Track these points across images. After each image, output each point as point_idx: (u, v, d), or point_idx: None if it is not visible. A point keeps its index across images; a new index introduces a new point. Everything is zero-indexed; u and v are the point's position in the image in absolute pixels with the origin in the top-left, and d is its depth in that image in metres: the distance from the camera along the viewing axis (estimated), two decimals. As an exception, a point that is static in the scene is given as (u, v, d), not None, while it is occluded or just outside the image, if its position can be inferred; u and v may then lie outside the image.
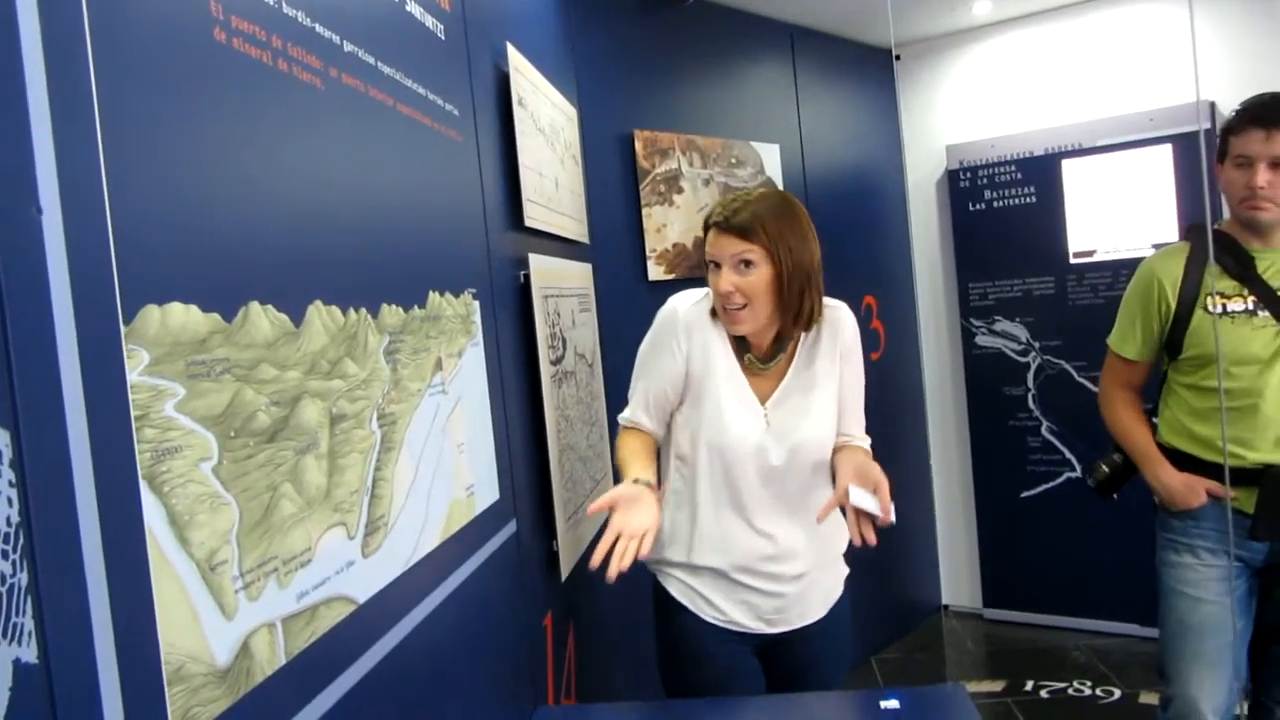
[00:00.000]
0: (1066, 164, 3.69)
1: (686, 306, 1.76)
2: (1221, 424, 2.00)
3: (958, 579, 4.17)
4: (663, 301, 1.82)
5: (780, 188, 3.38)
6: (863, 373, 1.86)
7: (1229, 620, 2.02)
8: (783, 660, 1.81)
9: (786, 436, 1.73)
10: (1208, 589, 2.04)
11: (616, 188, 2.81)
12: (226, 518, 0.79)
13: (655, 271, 2.83)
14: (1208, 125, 3.21)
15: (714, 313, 1.75)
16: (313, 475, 0.95)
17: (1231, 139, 2.02)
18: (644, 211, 2.84)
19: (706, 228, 1.73)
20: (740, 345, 1.75)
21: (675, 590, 1.79)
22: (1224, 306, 2.03)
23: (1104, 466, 2.29)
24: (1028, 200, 3.79)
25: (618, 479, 1.74)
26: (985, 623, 4.01)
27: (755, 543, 1.74)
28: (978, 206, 3.90)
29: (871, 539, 1.61)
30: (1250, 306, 2.01)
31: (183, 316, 0.76)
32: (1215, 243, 2.06)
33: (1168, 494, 2.11)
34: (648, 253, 2.83)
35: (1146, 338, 2.16)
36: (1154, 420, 2.21)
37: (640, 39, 2.97)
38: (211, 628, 0.75)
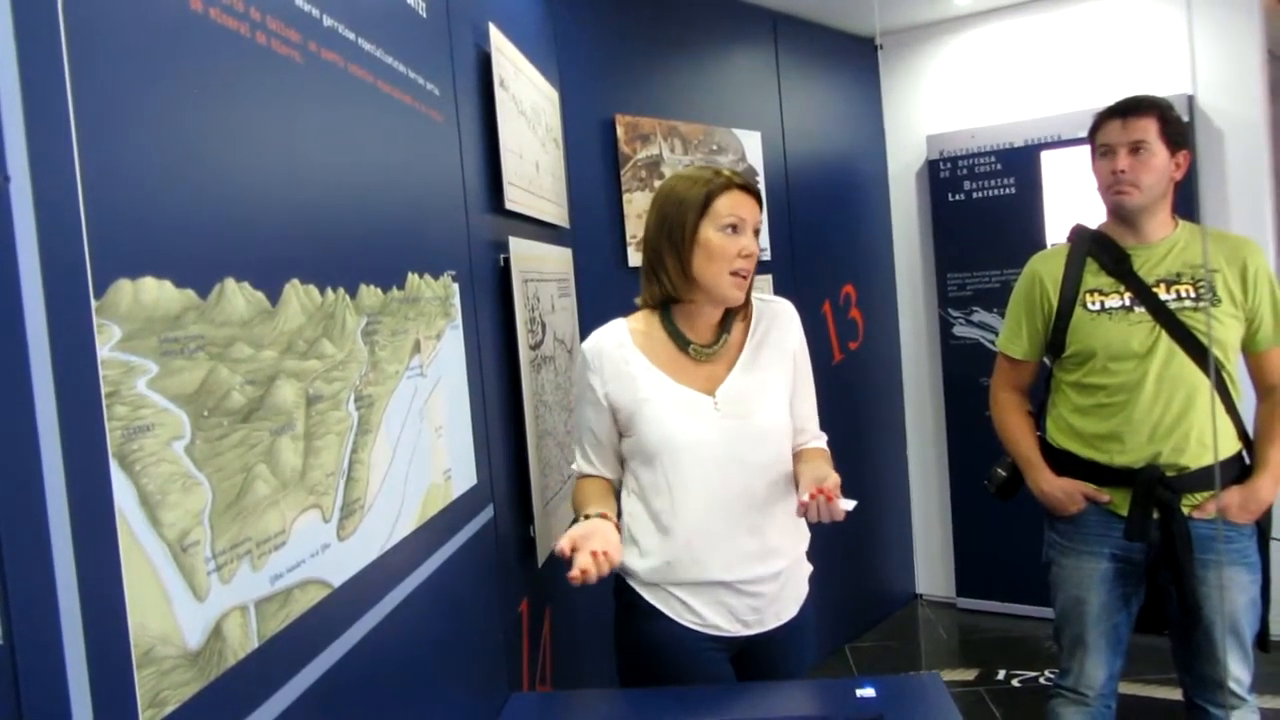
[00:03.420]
0: (1045, 155, 3.70)
1: (591, 342, 1.73)
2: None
3: (932, 568, 4.20)
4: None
5: (761, 175, 3.37)
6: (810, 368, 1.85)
7: (1108, 612, 2.12)
8: (756, 661, 1.73)
9: (742, 421, 1.67)
10: (1090, 588, 2.13)
11: (598, 172, 2.79)
12: (199, 498, 0.77)
13: (635, 258, 2.81)
14: (1186, 119, 3.23)
15: (639, 329, 1.72)
16: (288, 456, 0.93)
17: (1096, 136, 2.13)
18: (625, 197, 2.82)
19: (718, 188, 1.65)
20: (679, 342, 1.71)
21: (648, 594, 1.68)
22: (1101, 303, 2.10)
23: (1000, 471, 2.36)
24: (1007, 191, 3.80)
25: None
26: (958, 612, 4.04)
27: (733, 543, 1.66)
28: (957, 197, 3.91)
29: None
30: (1127, 303, 2.07)
31: (156, 292, 0.74)
32: (1092, 241, 2.15)
33: (1047, 501, 2.19)
34: (628, 239, 2.81)
35: (1031, 336, 2.23)
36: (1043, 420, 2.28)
37: (623, 23, 2.95)
38: (183, 610, 0.74)
